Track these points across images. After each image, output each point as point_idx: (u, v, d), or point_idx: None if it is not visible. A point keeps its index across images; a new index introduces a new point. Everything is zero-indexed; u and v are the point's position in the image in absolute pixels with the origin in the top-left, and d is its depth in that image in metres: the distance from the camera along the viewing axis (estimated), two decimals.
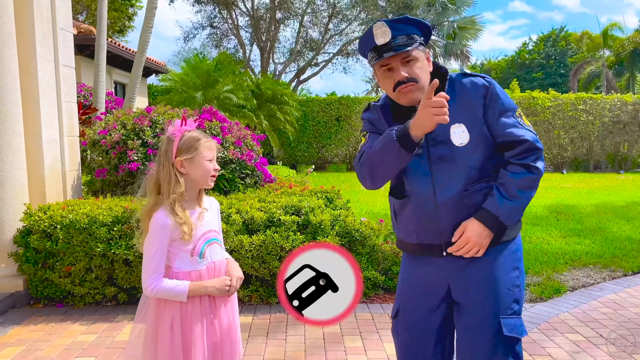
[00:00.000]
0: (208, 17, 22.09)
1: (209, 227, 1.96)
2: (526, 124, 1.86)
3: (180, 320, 1.87)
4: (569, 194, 10.68)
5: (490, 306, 1.83)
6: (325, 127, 17.63)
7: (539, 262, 5.24)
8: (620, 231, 6.74)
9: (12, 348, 3.37)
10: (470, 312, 1.86)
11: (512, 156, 1.82)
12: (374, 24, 1.83)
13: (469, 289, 1.87)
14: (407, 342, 1.99)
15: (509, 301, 1.84)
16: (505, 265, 1.87)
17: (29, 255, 4.11)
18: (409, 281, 1.99)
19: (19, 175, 4.31)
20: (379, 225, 4.56)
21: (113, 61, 14.04)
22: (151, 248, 1.85)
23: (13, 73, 4.24)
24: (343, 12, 21.66)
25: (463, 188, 1.82)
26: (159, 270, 1.85)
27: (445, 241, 1.87)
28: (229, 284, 1.92)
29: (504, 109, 1.84)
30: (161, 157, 1.91)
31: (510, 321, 1.82)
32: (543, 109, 16.79)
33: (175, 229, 1.84)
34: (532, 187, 1.81)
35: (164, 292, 1.84)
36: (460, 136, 1.82)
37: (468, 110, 1.84)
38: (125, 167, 4.87)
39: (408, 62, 1.82)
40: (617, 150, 17.35)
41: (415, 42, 1.82)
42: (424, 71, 1.85)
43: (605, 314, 3.87)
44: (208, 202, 2.03)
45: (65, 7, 5.03)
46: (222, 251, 2.04)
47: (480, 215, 1.80)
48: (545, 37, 47.39)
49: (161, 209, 1.86)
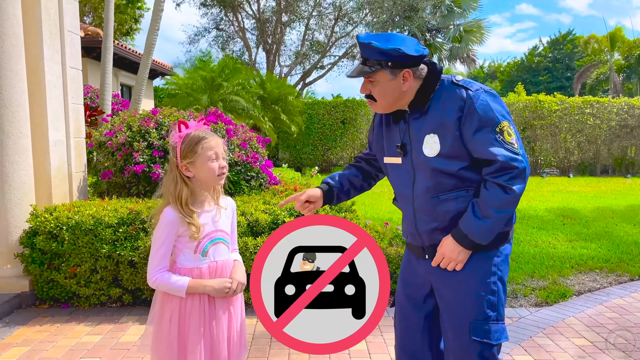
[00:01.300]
0: (214, 20, 22.17)
1: (217, 227, 1.97)
2: (507, 140, 1.78)
3: (178, 316, 1.90)
4: (576, 198, 10.62)
5: (461, 309, 1.86)
6: (331, 130, 17.63)
7: (544, 266, 5.22)
8: (627, 235, 6.69)
9: (17, 348, 3.39)
10: (445, 313, 1.91)
11: (488, 173, 1.80)
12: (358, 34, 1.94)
13: (445, 291, 1.91)
14: (400, 332, 2.05)
15: (483, 306, 1.85)
16: (482, 271, 1.87)
17: (35, 256, 4.13)
18: (402, 273, 2.07)
19: (26, 176, 4.34)
20: (384, 228, 4.54)
21: (119, 63, 14.11)
22: (157, 241, 1.90)
23: (20, 75, 4.27)
24: (349, 15, 21.67)
25: (434, 195, 1.85)
26: (162, 263, 1.90)
27: (425, 245, 1.93)
28: (228, 286, 1.91)
29: (481, 124, 1.79)
30: (170, 162, 1.98)
31: (483, 326, 1.83)
32: (550, 112, 16.72)
33: (182, 226, 1.89)
34: (506, 206, 1.78)
35: (164, 285, 1.89)
36: (431, 146, 1.84)
37: (443, 121, 1.84)
38: (131, 169, 4.89)
39: (371, 82, 1.90)
40: (624, 155, 17.24)
41: (378, 67, 1.85)
42: (387, 91, 1.88)
43: (612, 319, 3.84)
44: (224, 202, 2.04)
45: (73, 9, 5.06)
46: (229, 252, 2.04)
47: (455, 233, 1.83)
48: (555, 41, 47.25)
49: (169, 205, 1.92)
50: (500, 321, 1.88)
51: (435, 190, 1.85)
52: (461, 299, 1.86)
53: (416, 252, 1.99)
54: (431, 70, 1.91)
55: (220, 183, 1.96)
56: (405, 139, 1.92)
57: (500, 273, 1.91)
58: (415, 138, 1.88)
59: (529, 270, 5.04)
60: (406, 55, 1.82)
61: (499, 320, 1.87)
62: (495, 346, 1.85)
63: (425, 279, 1.97)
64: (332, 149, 17.70)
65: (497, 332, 1.85)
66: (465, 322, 1.84)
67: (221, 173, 1.94)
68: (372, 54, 1.84)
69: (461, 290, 1.86)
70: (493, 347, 1.85)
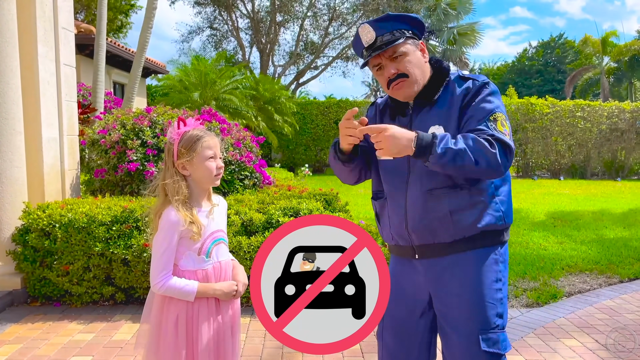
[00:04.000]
0: (208, 19, 22.12)
1: (217, 227, 1.96)
2: (498, 129, 1.73)
3: (186, 319, 1.86)
4: (566, 201, 10.71)
5: (470, 320, 1.79)
6: (324, 130, 17.66)
7: (535, 267, 5.26)
8: (617, 238, 6.76)
9: (9, 346, 3.36)
10: (450, 325, 1.83)
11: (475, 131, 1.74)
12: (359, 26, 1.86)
13: (448, 301, 1.84)
14: (392, 347, 1.98)
15: (491, 315, 1.80)
16: (487, 278, 1.82)
17: (27, 253, 4.11)
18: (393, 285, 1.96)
19: (19, 173, 4.31)
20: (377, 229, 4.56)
21: (112, 61, 14.04)
22: (160, 245, 1.84)
23: (14, 71, 4.25)
24: (343, 16, 21.72)
25: (429, 189, 1.81)
26: (167, 267, 1.84)
27: (414, 244, 1.88)
28: (235, 289, 1.92)
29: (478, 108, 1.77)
30: (165, 160, 1.93)
31: (492, 336, 1.78)
32: (541, 115, 16.85)
33: (184, 226, 1.83)
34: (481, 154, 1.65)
35: (172, 291, 1.83)
36: None
37: (449, 112, 1.83)
38: (124, 167, 4.87)
39: (396, 58, 1.83)
40: (615, 158, 17.41)
41: (401, 37, 1.81)
42: (416, 64, 1.85)
43: (602, 320, 3.88)
44: (216, 199, 2.03)
45: (67, 6, 5.04)
46: (228, 251, 2.04)
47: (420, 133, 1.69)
48: (546, 44, 47.59)
49: (170, 206, 1.86)
50: (505, 329, 1.84)
51: (429, 184, 1.81)
52: (469, 309, 1.80)
53: (406, 253, 1.93)
54: (440, 62, 1.93)
55: (216, 183, 1.94)
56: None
57: (504, 279, 1.88)
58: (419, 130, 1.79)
59: (519, 272, 5.08)
60: (421, 23, 1.87)
61: (504, 328, 1.84)
62: (503, 356, 1.80)
63: (420, 286, 1.91)
64: (325, 149, 17.73)
65: (504, 341, 1.81)
66: (474, 332, 1.78)
67: (218, 173, 1.92)
68: (391, 25, 1.82)
69: (466, 298, 1.80)
70: (501, 356, 1.80)
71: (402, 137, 1.66)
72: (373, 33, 1.80)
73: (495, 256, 1.85)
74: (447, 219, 1.80)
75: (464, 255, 1.83)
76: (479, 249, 1.83)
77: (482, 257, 1.83)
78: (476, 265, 1.82)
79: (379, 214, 2.03)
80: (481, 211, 1.81)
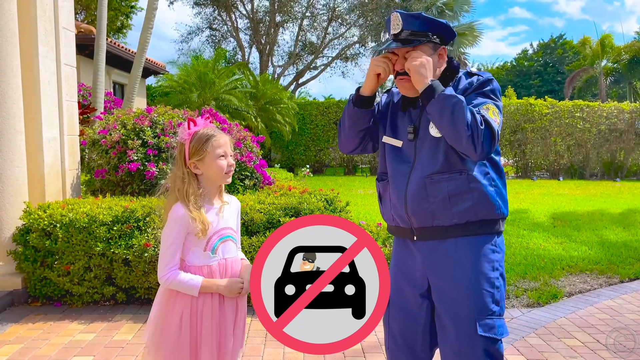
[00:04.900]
0: (207, 19, 22.13)
1: (226, 225, 1.98)
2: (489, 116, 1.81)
3: (190, 315, 1.89)
4: (566, 201, 10.72)
5: (466, 305, 1.86)
6: (323, 131, 17.65)
7: (536, 267, 5.27)
8: (617, 238, 6.77)
9: (10, 346, 3.37)
10: (446, 310, 1.90)
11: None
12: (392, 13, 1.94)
13: (445, 286, 1.90)
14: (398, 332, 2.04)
15: (488, 302, 1.87)
16: (483, 266, 1.89)
17: (28, 253, 4.11)
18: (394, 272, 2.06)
19: (19, 173, 4.31)
20: (378, 228, 4.57)
21: (112, 61, 14.04)
22: (167, 238, 1.88)
23: (15, 71, 4.25)
24: (342, 17, 21.73)
25: (429, 174, 1.89)
26: (174, 261, 1.88)
27: (414, 227, 1.95)
28: (240, 286, 1.93)
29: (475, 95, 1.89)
30: (177, 159, 1.97)
31: (489, 321, 1.85)
32: (540, 115, 16.86)
33: (191, 222, 1.87)
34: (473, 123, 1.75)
35: (177, 284, 1.87)
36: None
37: None
38: (125, 167, 4.87)
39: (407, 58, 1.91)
40: (614, 158, 17.42)
41: (423, 39, 1.89)
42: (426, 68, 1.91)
43: (602, 320, 3.89)
44: (228, 199, 2.06)
45: (68, 6, 5.04)
46: (237, 249, 2.05)
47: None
48: (546, 44, 47.61)
49: (179, 202, 1.91)
50: (502, 316, 1.91)
51: (430, 170, 1.89)
52: (465, 294, 1.86)
53: (403, 235, 2.01)
54: (451, 60, 2.01)
55: (227, 181, 1.97)
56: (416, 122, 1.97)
57: (501, 269, 1.95)
58: (426, 119, 1.93)
59: (520, 272, 5.09)
60: (449, 30, 1.93)
61: (501, 315, 1.90)
62: (499, 341, 1.87)
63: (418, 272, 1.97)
64: (325, 149, 17.73)
65: (501, 327, 1.88)
66: (471, 317, 1.84)
67: (229, 171, 1.95)
68: (419, 25, 1.88)
69: (463, 284, 1.87)
70: (497, 342, 1.87)
71: (426, 71, 1.82)
72: (401, 25, 1.89)
73: (491, 246, 1.93)
74: (446, 203, 1.88)
75: (461, 240, 1.91)
76: (476, 236, 1.91)
77: (479, 245, 1.91)
78: (472, 252, 1.90)
79: (381, 195, 2.12)
80: (478, 197, 1.89)
